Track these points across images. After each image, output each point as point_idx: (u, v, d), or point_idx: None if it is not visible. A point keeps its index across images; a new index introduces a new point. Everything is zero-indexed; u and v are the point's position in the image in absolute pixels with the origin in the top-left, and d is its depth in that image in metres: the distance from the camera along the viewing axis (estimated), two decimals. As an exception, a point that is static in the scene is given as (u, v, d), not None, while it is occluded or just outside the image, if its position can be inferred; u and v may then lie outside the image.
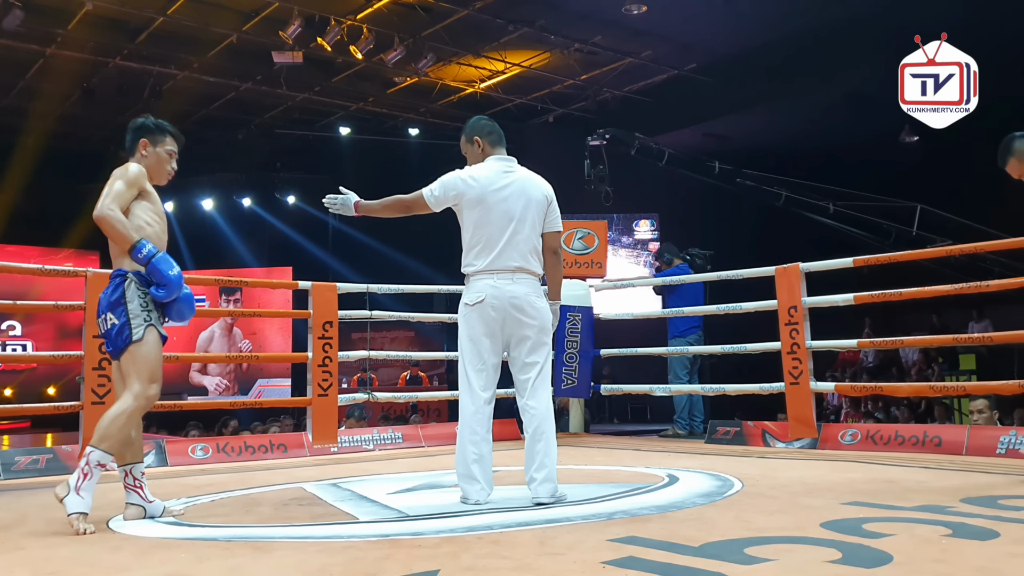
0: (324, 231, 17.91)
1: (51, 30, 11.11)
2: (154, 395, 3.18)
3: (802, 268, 5.69)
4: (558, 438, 3.57)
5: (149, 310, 3.18)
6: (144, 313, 3.17)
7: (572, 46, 11.94)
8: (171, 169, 3.47)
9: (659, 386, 6.88)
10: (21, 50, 11.61)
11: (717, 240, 10.54)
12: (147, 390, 3.14)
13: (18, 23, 10.21)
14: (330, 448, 5.95)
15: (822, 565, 2.29)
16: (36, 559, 2.63)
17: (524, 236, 3.48)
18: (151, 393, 3.15)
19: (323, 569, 2.38)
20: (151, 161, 3.41)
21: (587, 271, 7.08)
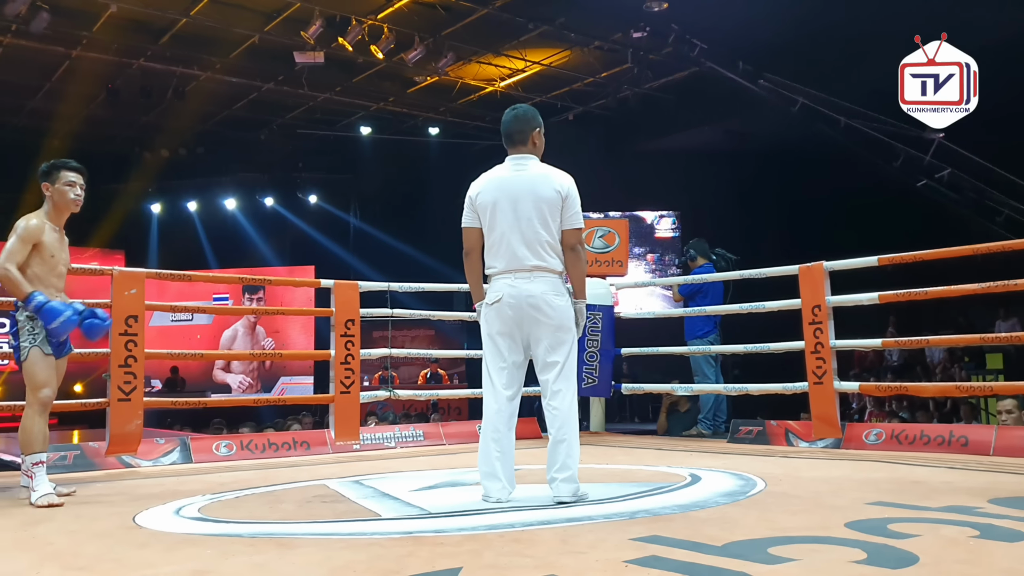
0: (345, 230, 18.01)
1: (77, 32, 11.24)
2: (44, 399, 3.84)
3: (826, 267, 5.64)
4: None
5: (35, 333, 3.82)
6: (30, 336, 3.82)
7: (592, 44, 11.92)
8: (75, 196, 4.00)
9: (682, 385, 6.85)
10: (48, 52, 11.77)
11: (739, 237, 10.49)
12: (37, 396, 3.83)
13: (45, 25, 10.34)
14: (352, 445, 5.97)
15: (847, 565, 2.27)
16: (65, 555, 2.66)
17: (535, 234, 3.43)
18: (41, 398, 3.83)
19: (347, 566, 2.39)
20: (56, 197, 3.97)
21: (608, 270, 7.06)
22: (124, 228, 16.24)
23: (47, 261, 3.90)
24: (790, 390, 5.90)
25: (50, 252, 3.91)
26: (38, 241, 3.85)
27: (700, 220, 13.77)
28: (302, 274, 16.38)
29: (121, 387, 5.04)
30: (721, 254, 7.09)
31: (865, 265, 5.57)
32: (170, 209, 17.89)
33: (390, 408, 10.97)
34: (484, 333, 3.54)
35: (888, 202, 11.79)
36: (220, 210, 17.92)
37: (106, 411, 5.09)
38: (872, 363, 12.64)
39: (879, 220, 11.69)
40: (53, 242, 3.92)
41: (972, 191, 10.75)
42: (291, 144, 16.55)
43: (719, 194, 14.07)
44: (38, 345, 3.83)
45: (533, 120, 3.60)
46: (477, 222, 3.55)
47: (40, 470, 3.72)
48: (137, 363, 5.09)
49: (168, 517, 3.32)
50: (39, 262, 3.88)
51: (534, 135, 3.58)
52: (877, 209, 11.99)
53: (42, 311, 3.75)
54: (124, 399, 5.04)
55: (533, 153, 3.58)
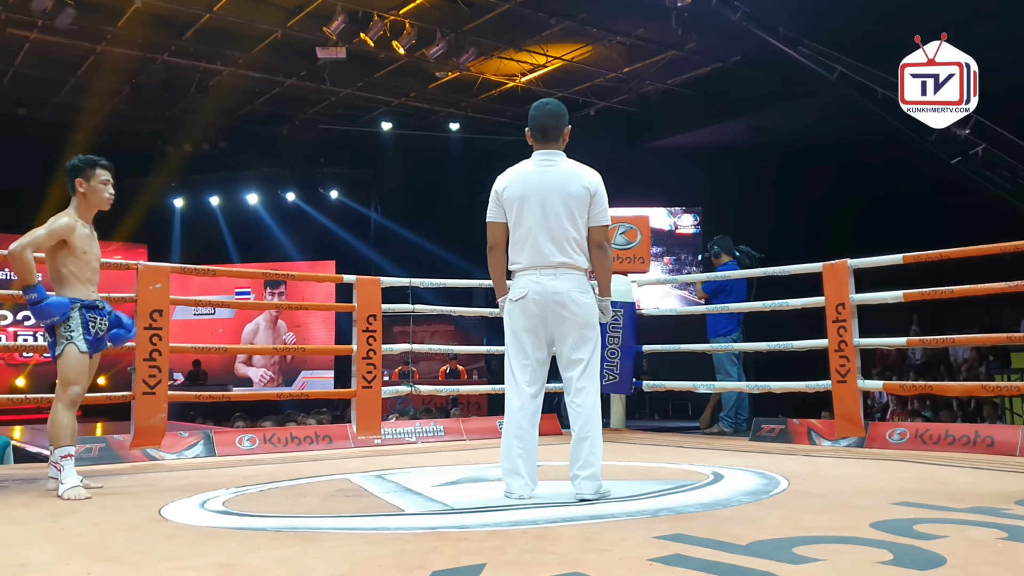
0: (366, 225, 18.08)
1: (101, 27, 11.32)
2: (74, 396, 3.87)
3: (850, 264, 5.60)
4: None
5: (71, 329, 3.86)
6: (67, 333, 3.86)
7: (615, 39, 11.87)
8: (109, 195, 4.05)
9: (703, 383, 6.83)
10: (73, 47, 11.88)
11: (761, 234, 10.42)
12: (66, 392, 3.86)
13: (70, 21, 10.43)
14: (374, 440, 6.00)
15: (873, 566, 2.26)
16: (93, 546, 2.69)
17: (562, 230, 3.42)
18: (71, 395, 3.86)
19: (372, 561, 2.40)
20: (89, 194, 3.99)
21: (629, 266, 7.04)
22: (147, 222, 16.36)
23: (80, 258, 3.94)
24: (813, 388, 5.87)
25: (82, 249, 3.94)
26: (67, 239, 3.88)
27: (722, 217, 13.70)
28: (323, 269, 16.47)
29: (146, 380, 5.09)
30: (745, 251, 7.05)
31: (890, 263, 5.52)
32: (193, 204, 18.02)
33: (410, 403, 11.02)
34: (507, 329, 3.53)
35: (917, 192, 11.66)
36: (242, 205, 18.03)
37: (131, 404, 5.14)
38: (894, 362, 12.53)
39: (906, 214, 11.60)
40: (84, 239, 3.95)
41: (1006, 169, 10.59)
42: (313, 139, 16.62)
43: (742, 191, 14.00)
44: (74, 342, 3.86)
45: (566, 116, 3.59)
46: (503, 217, 3.53)
47: (68, 463, 3.77)
48: (162, 357, 5.14)
49: (193, 510, 3.35)
50: (72, 260, 3.92)
51: (566, 132, 3.57)
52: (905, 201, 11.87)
53: (42, 305, 3.78)
54: (149, 392, 5.08)
55: (562, 149, 3.57)
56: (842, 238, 10.28)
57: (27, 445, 6.86)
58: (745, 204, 13.78)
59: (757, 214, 13.41)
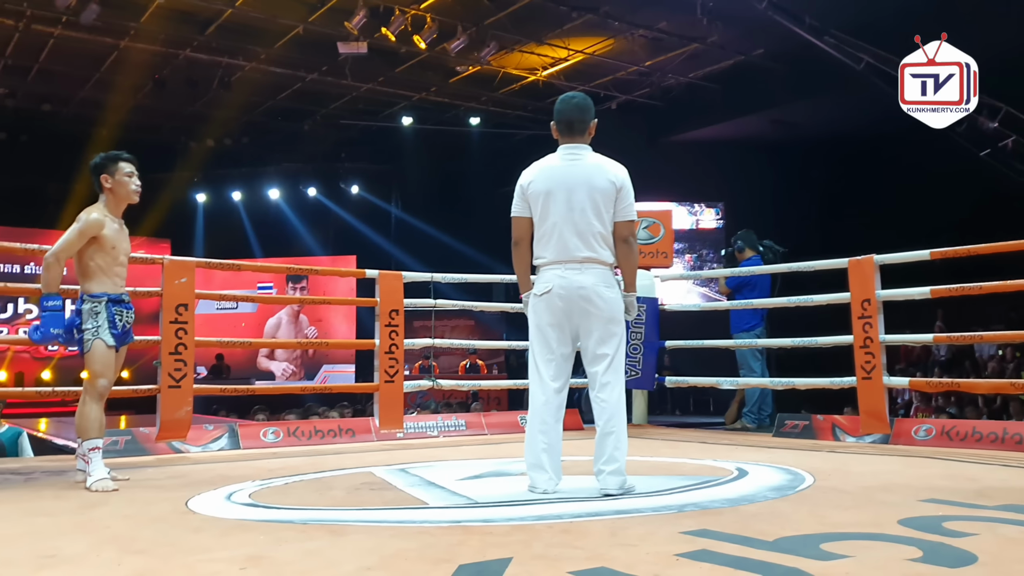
0: (387, 220, 18.13)
1: (125, 23, 11.42)
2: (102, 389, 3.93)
3: (876, 260, 5.55)
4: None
5: (98, 324, 3.91)
6: (94, 327, 3.91)
7: (637, 32, 11.82)
8: (136, 187, 4.09)
9: (727, 379, 6.79)
10: (96, 43, 11.98)
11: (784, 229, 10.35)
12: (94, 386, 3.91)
13: (94, 17, 10.52)
14: (396, 434, 6.02)
15: (903, 563, 2.24)
16: (122, 538, 2.71)
17: (588, 225, 3.40)
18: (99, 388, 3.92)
19: (398, 554, 2.41)
20: (116, 188, 4.04)
21: (652, 261, 7.01)
22: (170, 217, 16.48)
23: (109, 253, 3.98)
24: (838, 385, 5.82)
25: (111, 244, 3.98)
26: (98, 235, 3.93)
27: (745, 211, 13.63)
28: (344, 263, 16.52)
29: (171, 374, 5.12)
30: (769, 246, 7.00)
31: (918, 259, 5.47)
32: (215, 199, 18.14)
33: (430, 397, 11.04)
34: (532, 324, 3.52)
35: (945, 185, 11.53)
36: (264, 200, 18.14)
37: (157, 398, 5.17)
38: (919, 358, 12.42)
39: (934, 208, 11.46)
40: (113, 234, 3.99)
41: None
42: (334, 135, 16.67)
43: (765, 185, 13.92)
44: (101, 337, 3.91)
45: (592, 110, 3.57)
46: (527, 211, 3.52)
47: (96, 455, 3.81)
48: (187, 350, 5.18)
49: (220, 502, 3.38)
50: (101, 255, 3.96)
51: (592, 125, 3.56)
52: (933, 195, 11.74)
53: (48, 313, 3.85)
54: (174, 386, 5.12)
55: (588, 143, 3.55)
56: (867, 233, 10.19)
57: (53, 437, 6.95)
58: (768, 198, 13.70)
59: (780, 208, 13.33)
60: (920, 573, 2.14)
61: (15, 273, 16.81)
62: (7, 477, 4.21)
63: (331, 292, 16.55)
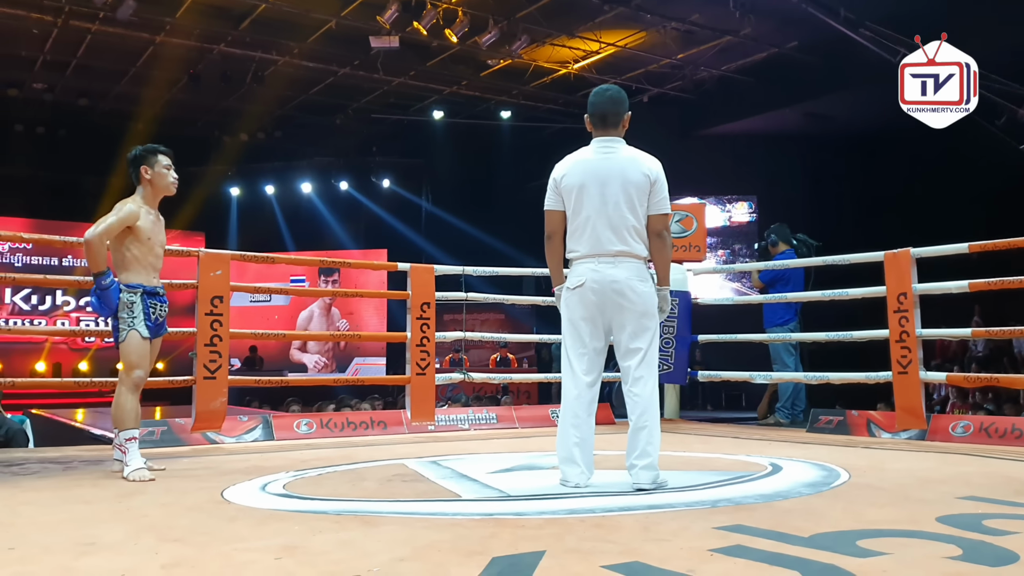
0: (417, 214, 18.19)
1: (160, 18, 11.54)
2: (137, 379, 3.98)
3: (913, 253, 5.47)
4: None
5: (134, 316, 3.97)
6: (129, 319, 3.96)
7: (669, 24, 11.73)
8: (173, 179, 4.16)
9: (760, 373, 6.73)
10: (133, 38, 12.12)
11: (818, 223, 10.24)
12: (130, 377, 3.97)
13: (131, 12, 10.66)
14: (427, 426, 6.04)
15: (941, 561, 2.20)
16: (160, 527, 2.75)
17: (622, 218, 3.37)
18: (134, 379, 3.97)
19: (431, 545, 2.42)
20: (154, 180, 4.11)
21: (685, 255, 6.97)
22: (205, 210, 16.66)
23: (144, 243, 4.04)
24: (873, 380, 5.75)
25: (147, 235, 4.04)
26: (133, 225, 3.98)
27: (778, 205, 13.49)
28: (375, 257, 16.63)
29: (207, 365, 5.18)
30: (803, 240, 6.93)
31: (955, 252, 5.38)
32: (249, 192, 18.32)
33: (460, 390, 11.08)
34: (565, 318, 3.51)
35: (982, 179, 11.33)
36: (297, 193, 18.28)
37: (192, 389, 5.24)
38: (955, 353, 12.23)
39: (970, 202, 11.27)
40: (149, 225, 4.05)
41: None
42: (366, 129, 16.75)
43: (798, 179, 13.77)
44: (136, 328, 3.97)
45: (626, 102, 3.55)
46: (561, 205, 3.51)
47: (132, 445, 3.87)
48: (222, 342, 5.23)
49: (255, 493, 3.41)
50: (136, 245, 4.01)
51: (626, 118, 3.54)
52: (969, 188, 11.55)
53: (107, 291, 3.90)
54: (209, 377, 5.18)
55: (622, 136, 3.53)
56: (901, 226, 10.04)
57: (90, 427, 7.05)
58: (802, 192, 13.55)
59: (814, 202, 13.17)
60: (960, 572, 2.11)
61: (53, 265, 17.11)
62: (46, 465, 4.29)
63: (362, 285, 16.68)
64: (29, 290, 17.24)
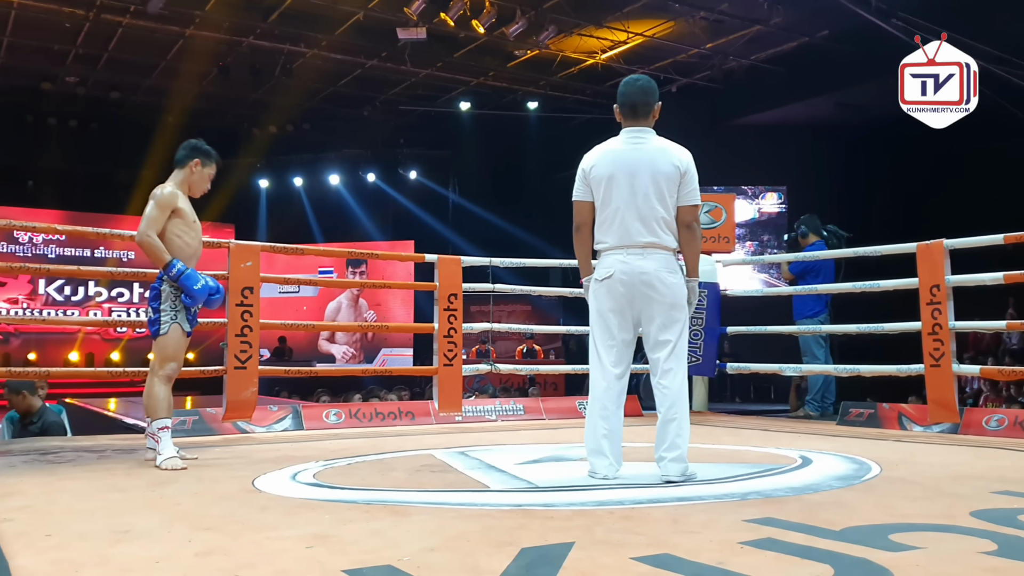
0: (444, 205, 18.22)
1: (190, 11, 11.64)
2: (171, 371, 4.02)
3: (946, 245, 5.39)
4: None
5: (176, 309, 4.00)
6: (172, 312, 3.99)
7: (698, 14, 11.63)
8: (207, 187, 4.24)
9: (790, 366, 6.68)
10: (163, 32, 12.24)
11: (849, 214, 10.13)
12: (163, 368, 3.99)
13: (161, 6, 10.76)
14: (455, 417, 6.06)
15: (976, 556, 2.18)
16: (192, 515, 2.78)
17: (651, 209, 3.35)
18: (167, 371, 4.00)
19: (461, 535, 2.43)
20: (196, 178, 4.16)
21: (714, 246, 6.92)
22: (234, 202, 16.81)
23: (191, 226, 4.07)
24: (905, 372, 5.68)
25: (191, 217, 4.08)
26: (176, 207, 4.01)
27: (808, 196, 13.36)
28: (402, 248, 16.68)
29: (237, 356, 5.23)
30: (833, 231, 6.86)
31: (990, 243, 5.29)
32: (277, 184, 18.45)
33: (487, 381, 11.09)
34: (593, 310, 3.50)
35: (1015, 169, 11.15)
36: (325, 185, 18.38)
37: (223, 378, 5.29)
38: (988, 345, 12.08)
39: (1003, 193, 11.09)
40: (189, 207, 4.10)
41: None
42: (393, 120, 16.79)
43: (829, 169, 13.62)
44: (178, 321, 4.01)
45: (656, 92, 3.53)
46: (589, 196, 3.49)
47: (165, 435, 3.91)
48: (252, 333, 5.27)
49: (285, 482, 3.44)
50: (184, 227, 4.04)
51: (656, 108, 3.51)
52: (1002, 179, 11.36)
53: (183, 277, 3.93)
54: (240, 367, 5.22)
55: (652, 126, 3.51)
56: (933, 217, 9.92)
57: (123, 416, 7.15)
58: (832, 183, 13.40)
59: (844, 193, 13.03)
60: (995, 567, 2.08)
61: (86, 257, 17.35)
62: (80, 454, 4.36)
63: (390, 277, 16.74)
64: (62, 281, 17.50)
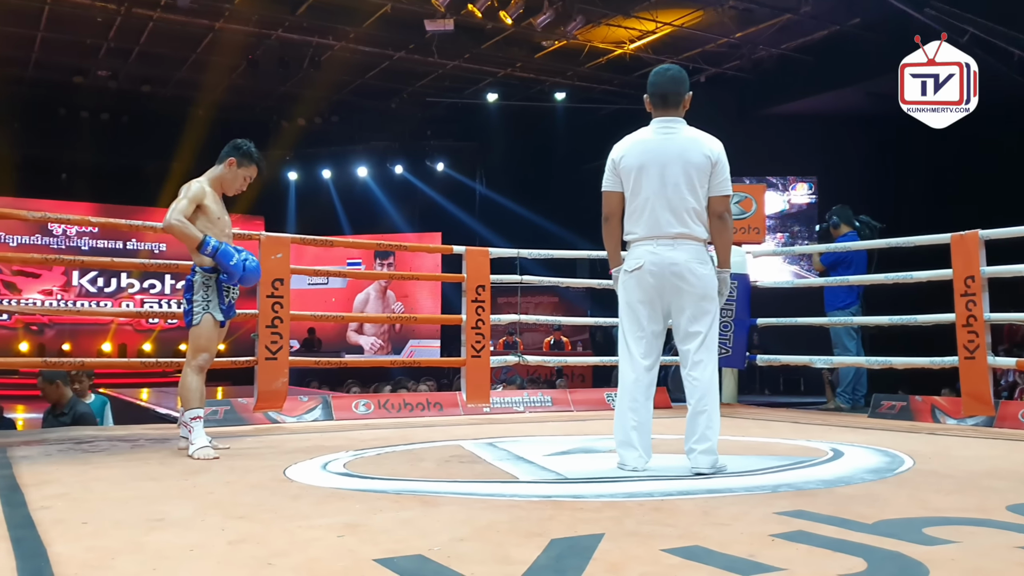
0: (472, 197, 18.24)
1: (219, 5, 11.72)
2: (203, 362, 4.05)
3: (981, 235, 5.30)
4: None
5: (208, 299, 4.03)
6: (204, 302, 4.02)
7: (727, 3, 11.53)
8: (240, 189, 4.25)
9: (820, 357, 6.61)
10: (193, 25, 12.34)
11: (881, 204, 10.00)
12: (196, 359, 4.03)
13: (191, 0, 10.84)
14: (483, 408, 6.07)
15: (1012, 551, 2.15)
16: (225, 504, 2.81)
17: (681, 200, 3.32)
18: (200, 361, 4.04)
19: (490, 526, 2.44)
20: (230, 176, 4.18)
21: (744, 237, 6.86)
22: (263, 195, 16.85)
23: (215, 223, 4.08)
24: (938, 365, 5.60)
25: (216, 215, 4.10)
26: (202, 203, 4.04)
27: (839, 186, 13.20)
28: (430, 240, 16.74)
29: (268, 346, 5.27)
30: (865, 221, 6.77)
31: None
32: (306, 176, 18.56)
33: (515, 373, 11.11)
34: (622, 301, 3.48)
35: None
36: (353, 177, 18.47)
37: (254, 369, 5.34)
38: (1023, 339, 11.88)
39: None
40: (216, 206, 4.12)
41: None
42: (420, 112, 16.82)
43: (860, 159, 13.44)
44: (211, 312, 4.05)
45: (687, 82, 3.50)
46: (619, 186, 3.47)
47: (198, 424, 3.95)
48: (283, 324, 5.32)
49: (316, 471, 3.47)
50: (208, 224, 4.06)
51: (687, 98, 3.48)
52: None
53: (219, 253, 3.94)
54: (271, 358, 5.27)
55: (682, 116, 3.48)
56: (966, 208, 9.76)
57: (155, 406, 7.25)
58: (863, 173, 13.23)
59: (876, 183, 12.86)
60: (1032, 561, 2.06)
61: (118, 249, 17.58)
62: (114, 444, 4.42)
63: (417, 268, 16.80)
64: (95, 273, 17.75)
